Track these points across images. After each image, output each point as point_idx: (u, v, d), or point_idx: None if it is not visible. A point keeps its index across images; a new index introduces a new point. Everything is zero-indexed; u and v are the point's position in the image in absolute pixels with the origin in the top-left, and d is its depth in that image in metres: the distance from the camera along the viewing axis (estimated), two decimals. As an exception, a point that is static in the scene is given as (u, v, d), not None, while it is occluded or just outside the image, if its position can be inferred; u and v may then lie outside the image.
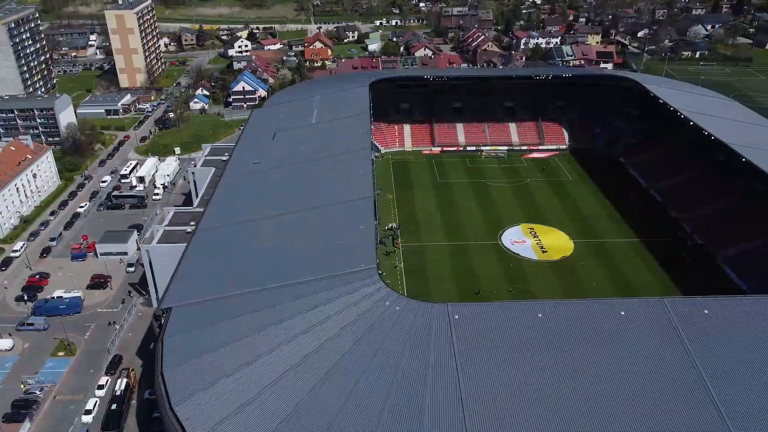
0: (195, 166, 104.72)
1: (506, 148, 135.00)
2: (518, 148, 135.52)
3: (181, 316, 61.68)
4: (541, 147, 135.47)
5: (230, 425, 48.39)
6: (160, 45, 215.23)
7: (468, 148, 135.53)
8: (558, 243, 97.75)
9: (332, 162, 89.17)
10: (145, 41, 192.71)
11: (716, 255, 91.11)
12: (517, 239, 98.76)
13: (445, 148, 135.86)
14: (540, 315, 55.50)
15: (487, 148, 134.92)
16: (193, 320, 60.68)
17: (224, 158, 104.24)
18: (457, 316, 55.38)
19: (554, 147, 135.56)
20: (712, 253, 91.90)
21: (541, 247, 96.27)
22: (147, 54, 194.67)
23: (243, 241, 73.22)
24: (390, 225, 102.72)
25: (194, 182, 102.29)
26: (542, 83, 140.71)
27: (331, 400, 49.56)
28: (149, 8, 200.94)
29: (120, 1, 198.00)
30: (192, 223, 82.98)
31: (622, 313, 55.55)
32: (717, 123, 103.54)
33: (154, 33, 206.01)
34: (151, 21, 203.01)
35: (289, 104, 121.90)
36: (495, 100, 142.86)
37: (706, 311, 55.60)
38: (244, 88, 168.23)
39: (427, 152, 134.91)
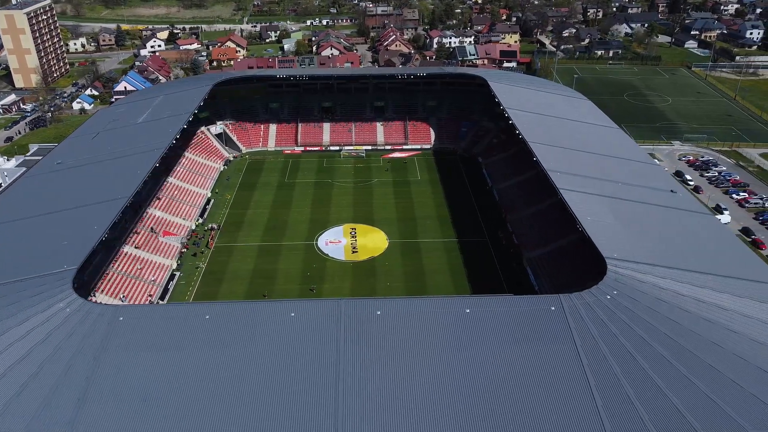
0: (11, 166, 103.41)
1: (368, 147, 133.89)
2: (381, 147, 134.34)
3: None
4: (404, 147, 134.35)
5: None
6: (62, 45, 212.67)
7: (331, 148, 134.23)
8: (372, 243, 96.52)
9: (120, 162, 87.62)
10: (40, 41, 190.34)
11: (523, 256, 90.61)
12: (333, 239, 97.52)
13: (307, 148, 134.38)
14: (207, 317, 54.34)
15: (349, 147, 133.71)
16: None
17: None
18: (122, 318, 54.08)
19: (418, 147, 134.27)
20: (521, 254, 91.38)
21: (353, 248, 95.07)
22: (44, 54, 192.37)
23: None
24: (210, 225, 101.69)
25: (6, 182, 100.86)
26: (416, 83, 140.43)
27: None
28: (46, 8, 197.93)
29: (14, 1, 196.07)
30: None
31: (292, 314, 54.35)
32: (538, 121, 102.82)
33: (54, 33, 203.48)
34: (49, 21, 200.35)
35: (134, 103, 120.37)
36: (367, 100, 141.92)
37: (379, 312, 54.48)
38: (126, 88, 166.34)
39: (289, 152, 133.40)
